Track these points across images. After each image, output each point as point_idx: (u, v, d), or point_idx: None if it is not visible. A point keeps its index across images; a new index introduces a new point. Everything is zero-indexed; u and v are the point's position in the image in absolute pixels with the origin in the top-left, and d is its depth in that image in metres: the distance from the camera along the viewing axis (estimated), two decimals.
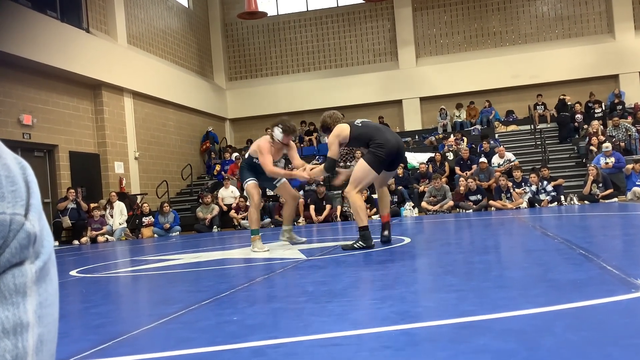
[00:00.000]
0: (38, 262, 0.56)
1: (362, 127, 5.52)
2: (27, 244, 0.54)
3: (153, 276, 4.85)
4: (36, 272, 0.56)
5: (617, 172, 13.25)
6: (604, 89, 19.48)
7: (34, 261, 0.56)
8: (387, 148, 5.31)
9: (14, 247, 0.53)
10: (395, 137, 5.52)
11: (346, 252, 5.26)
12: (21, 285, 0.54)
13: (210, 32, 22.69)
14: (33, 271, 0.56)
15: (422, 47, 21.66)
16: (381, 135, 5.38)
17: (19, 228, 0.53)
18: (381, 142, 5.31)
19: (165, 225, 13.75)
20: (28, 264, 0.55)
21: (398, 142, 5.48)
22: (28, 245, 0.55)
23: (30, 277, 0.55)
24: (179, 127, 19.16)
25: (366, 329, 2.10)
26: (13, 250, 0.53)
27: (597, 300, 2.25)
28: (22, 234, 0.54)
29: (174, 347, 2.04)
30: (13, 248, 0.53)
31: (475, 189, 13.19)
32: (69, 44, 13.81)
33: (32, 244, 0.55)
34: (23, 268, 0.55)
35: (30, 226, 0.55)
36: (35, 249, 0.56)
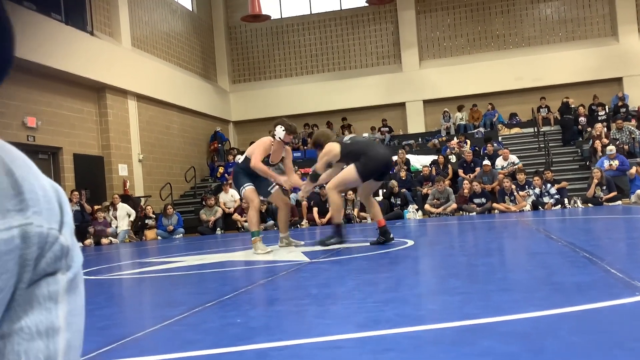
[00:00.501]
0: (69, 274, 0.63)
1: (352, 143, 5.90)
2: (60, 255, 0.61)
3: (157, 278, 4.85)
4: (67, 282, 0.62)
5: (620, 174, 13.23)
6: (608, 92, 19.45)
7: (65, 272, 0.62)
8: (377, 160, 5.72)
9: (49, 257, 0.59)
10: (383, 151, 6.03)
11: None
12: (54, 292, 0.61)
13: (214, 35, 22.73)
14: (65, 281, 0.62)
15: (425, 49, 21.66)
16: (372, 150, 5.81)
17: (54, 241, 0.60)
18: (372, 156, 5.72)
19: (168, 227, 13.76)
20: (60, 274, 0.61)
21: (387, 156, 5.98)
22: (61, 257, 0.61)
23: (62, 287, 0.61)
24: (182, 130, 19.19)
25: (369, 331, 2.10)
26: (48, 260, 0.59)
27: (601, 304, 2.25)
28: (57, 247, 0.60)
29: (178, 349, 2.04)
30: (48, 258, 0.59)
31: (480, 191, 13.18)
32: (73, 47, 13.86)
33: (64, 257, 0.62)
34: (56, 277, 0.61)
35: (64, 240, 0.61)
36: (67, 261, 0.62)
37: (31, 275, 0.59)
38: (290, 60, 22.63)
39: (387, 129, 20.58)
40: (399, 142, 19.91)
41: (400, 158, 15.93)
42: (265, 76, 22.82)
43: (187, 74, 19.88)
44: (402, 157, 15.97)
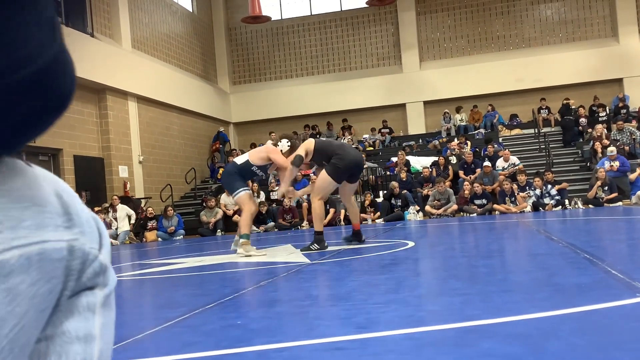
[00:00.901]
0: (105, 290, 0.71)
1: (325, 141, 6.35)
2: (99, 272, 0.69)
3: (157, 280, 4.85)
4: (103, 297, 0.70)
5: (621, 176, 13.22)
6: (608, 93, 19.45)
7: (102, 288, 0.70)
8: (347, 160, 5.98)
9: (90, 272, 0.67)
10: (355, 152, 6.32)
11: (305, 252, 5.88)
12: (92, 304, 0.68)
13: (215, 37, 22.74)
14: (101, 296, 0.70)
15: (425, 51, 21.67)
16: (342, 150, 6.11)
17: (94, 259, 0.67)
18: (341, 155, 6.00)
19: (169, 229, 13.76)
20: (98, 289, 0.69)
21: (357, 157, 6.22)
22: (100, 273, 0.69)
23: (98, 300, 0.69)
24: (183, 131, 19.20)
25: (370, 333, 2.10)
26: (89, 275, 0.67)
27: (602, 305, 2.25)
28: (96, 264, 0.68)
29: (179, 351, 2.04)
30: (89, 273, 0.67)
31: (481, 192, 13.18)
32: (74, 48, 13.71)
33: (102, 274, 0.70)
34: (94, 292, 0.69)
35: (102, 259, 0.69)
36: (104, 278, 0.70)
37: (74, 286, 0.66)
38: (290, 62, 22.64)
39: (387, 130, 20.58)
40: (399, 143, 19.92)
41: (400, 159, 15.93)
42: (265, 77, 22.83)
43: (187, 76, 19.89)
44: (402, 158, 15.97)
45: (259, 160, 6.55)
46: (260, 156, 6.56)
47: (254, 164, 6.55)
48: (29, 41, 0.58)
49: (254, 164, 6.55)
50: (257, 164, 6.56)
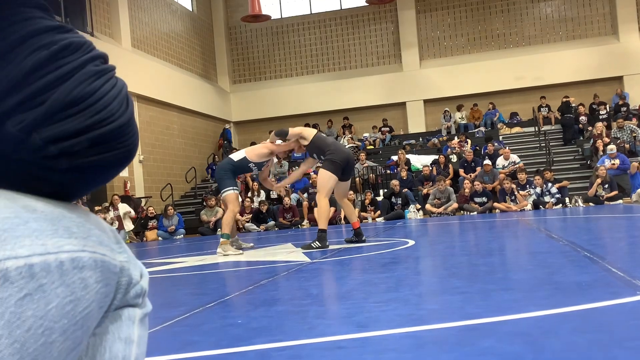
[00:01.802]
0: (144, 310, 0.86)
1: (323, 136, 6.53)
2: (140, 294, 0.84)
3: (157, 279, 4.85)
4: (142, 315, 0.86)
5: (621, 173, 13.22)
6: (608, 91, 19.44)
7: (141, 308, 0.86)
8: (339, 154, 6.20)
9: (133, 293, 0.83)
10: (346, 149, 6.54)
11: (306, 250, 5.94)
12: (133, 316, 0.84)
13: (214, 36, 22.73)
14: (140, 314, 0.85)
15: (425, 49, 21.66)
16: (335, 146, 6.33)
17: (136, 282, 0.83)
18: (334, 151, 6.22)
19: (169, 228, 13.77)
20: (138, 308, 0.85)
21: (349, 153, 6.42)
22: (140, 295, 0.85)
23: (138, 316, 0.85)
24: (183, 130, 19.20)
25: (371, 331, 2.10)
26: (132, 295, 0.83)
27: (603, 303, 2.24)
28: (138, 287, 0.84)
29: (179, 350, 2.04)
30: (132, 293, 0.83)
31: (482, 190, 13.18)
32: None
33: (142, 296, 0.85)
34: (135, 309, 0.84)
35: (143, 284, 0.85)
36: (143, 300, 0.86)
37: (120, 299, 0.81)
38: (290, 60, 22.63)
39: (387, 129, 20.58)
40: (399, 141, 19.91)
41: (400, 158, 15.93)
42: (265, 76, 22.83)
43: (187, 75, 19.88)
44: (402, 157, 15.97)
45: (257, 157, 6.64)
46: (260, 152, 6.65)
47: (251, 160, 6.64)
48: (108, 108, 0.77)
49: (251, 160, 6.64)
50: (255, 160, 6.66)
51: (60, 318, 0.68)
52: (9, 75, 0.71)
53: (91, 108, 0.75)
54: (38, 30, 0.75)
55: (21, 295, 0.65)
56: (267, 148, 6.66)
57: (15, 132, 0.71)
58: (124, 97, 0.81)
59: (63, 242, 0.71)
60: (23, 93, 0.71)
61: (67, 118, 0.73)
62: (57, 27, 0.77)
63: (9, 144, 0.71)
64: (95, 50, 0.81)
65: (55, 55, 0.74)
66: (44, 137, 0.72)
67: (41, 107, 0.71)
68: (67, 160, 0.74)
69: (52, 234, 0.70)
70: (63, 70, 0.74)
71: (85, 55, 0.78)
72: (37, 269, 0.67)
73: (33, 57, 0.72)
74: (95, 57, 0.79)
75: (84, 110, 0.74)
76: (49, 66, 0.73)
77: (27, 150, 0.72)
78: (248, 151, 6.73)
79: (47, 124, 0.72)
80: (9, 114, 0.71)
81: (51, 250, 0.69)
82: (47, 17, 0.77)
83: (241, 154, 6.73)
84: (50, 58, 0.74)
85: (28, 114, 0.71)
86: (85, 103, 0.74)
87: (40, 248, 0.68)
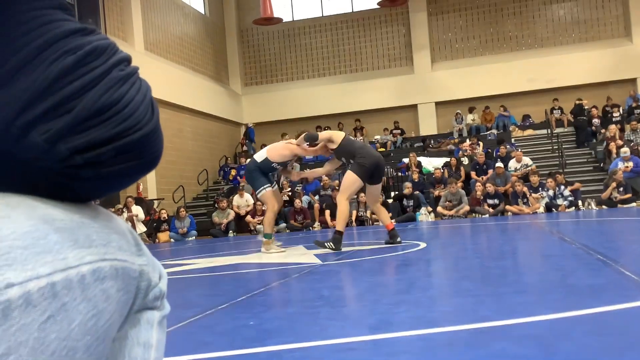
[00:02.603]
0: (162, 313, 0.85)
1: (352, 141, 6.48)
2: (158, 297, 0.83)
3: (170, 280, 4.85)
4: (160, 318, 0.84)
5: (635, 176, 13.12)
6: (622, 93, 19.28)
7: (160, 310, 0.84)
8: (370, 159, 6.10)
9: (152, 296, 0.81)
10: (376, 153, 6.43)
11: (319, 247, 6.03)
12: (151, 320, 0.82)
13: (226, 38, 22.81)
14: (158, 316, 0.84)
15: (437, 51, 21.61)
16: (365, 150, 6.24)
17: (155, 285, 0.82)
18: (364, 155, 6.11)
19: (181, 230, 13.82)
20: (157, 311, 0.84)
21: (379, 157, 6.30)
22: (159, 297, 0.83)
23: (156, 319, 0.83)
24: (195, 133, 19.27)
25: (382, 333, 2.10)
26: (150, 298, 0.81)
27: (616, 306, 2.24)
28: (157, 289, 0.82)
29: (192, 351, 2.05)
30: (151, 296, 0.81)
31: (494, 192, 13.12)
32: None
33: (161, 299, 0.84)
34: (153, 312, 0.83)
35: (162, 286, 0.84)
36: (162, 303, 0.85)
37: (140, 304, 0.80)
38: (302, 63, 22.66)
39: (399, 131, 20.55)
40: (411, 144, 19.88)
41: (412, 160, 15.90)
42: (277, 79, 22.87)
43: (199, 77, 19.96)
44: (414, 159, 15.94)
45: (279, 157, 6.55)
46: (282, 154, 6.55)
47: (273, 161, 6.54)
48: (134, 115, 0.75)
49: (273, 161, 6.54)
50: (277, 160, 6.56)
51: (83, 335, 0.67)
52: (35, 82, 0.69)
53: (118, 116, 0.72)
54: (63, 33, 0.72)
55: (44, 319, 0.63)
56: (289, 150, 6.55)
57: (41, 142, 0.69)
58: (149, 102, 0.79)
59: (84, 253, 0.69)
60: (49, 101, 0.69)
61: (94, 127, 0.71)
62: (81, 29, 0.75)
63: (33, 152, 0.69)
64: (119, 52, 0.79)
65: (82, 60, 0.72)
66: (70, 147, 0.70)
67: (67, 116, 0.69)
68: (91, 170, 0.72)
69: (73, 244, 0.68)
70: (89, 77, 0.72)
71: (110, 59, 0.76)
72: (59, 287, 0.65)
73: (59, 64, 0.70)
74: (121, 61, 0.78)
75: (110, 118, 0.72)
76: (75, 72, 0.71)
77: (51, 160, 0.70)
78: (270, 151, 6.62)
79: (73, 133, 0.70)
80: (34, 122, 0.69)
81: (72, 264, 0.67)
82: (69, 19, 0.75)
83: (263, 154, 6.64)
84: (77, 64, 0.71)
85: (54, 123, 0.69)
86: (112, 111, 0.72)
87: (62, 263, 0.66)
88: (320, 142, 6.45)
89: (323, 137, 6.45)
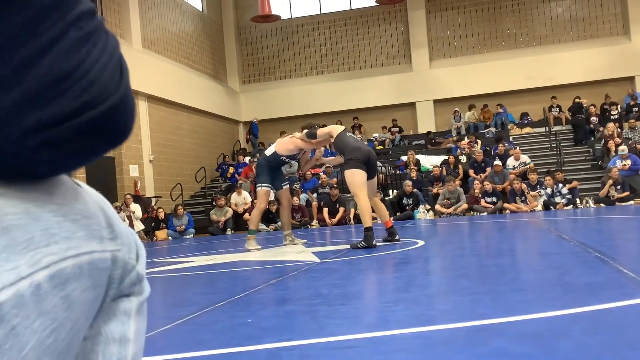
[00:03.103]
0: (140, 298, 0.76)
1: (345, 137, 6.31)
2: (135, 281, 0.73)
3: (168, 278, 4.88)
4: (138, 304, 0.75)
5: (633, 174, 13.13)
6: (620, 91, 19.30)
7: (138, 296, 0.75)
8: (359, 152, 6.09)
9: (128, 281, 0.72)
10: (366, 147, 6.35)
11: (353, 250, 5.74)
12: (128, 310, 0.73)
13: (224, 36, 22.79)
14: (136, 303, 0.75)
15: (435, 49, 21.61)
16: (355, 145, 6.20)
17: (132, 269, 0.72)
18: (353, 148, 6.12)
19: (179, 227, 13.81)
20: (134, 297, 0.74)
21: (369, 150, 6.25)
22: (136, 282, 0.74)
23: (134, 307, 0.74)
24: (193, 130, 19.26)
25: (380, 331, 2.10)
26: (126, 284, 0.72)
27: (614, 304, 2.23)
28: (134, 273, 0.73)
29: (189, 349, 2.05)
30: (127, 282, 0.72)
31: (491, 190, 13.13)
32: None
33: (139, 283, 0.75)
34: (130, 299, 0.74)
35: (139, 269, 0.74)
36: (140, 287, 0.75)
37: (114, 294, 0.71)
38: (300, 61, 22.64)
39: (397, 129, 20.54)
40: (409, 142, 19.87)
41: (410, 158, 15.90)
42: (275, 76, 22.85)
43: (197, 75, 19.94)
44: (412, 157, 15.94)
45: (285, 151, 6.88)
46: (287, 147, 6.87)
47: (281, 154, 6.90)
48: (98, 84, 0.61)
49: (281, 154, 6.90)
50: (285, 154, 6.90)
51: (40, 356, 0.57)
52: None
53: (76, 87, 0.59)
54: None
55: None
56: (294, 144, 6.85)
57: None
58: (117, 63, 0.65)
59: (40, 255, 0.58)
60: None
61: (48, 102, 0.58)
62: None
63: None
64: (80, 4, 0.62)
65: (30, 22, 0.58)
66: (22, 127, 0.58)
67: (15, 91, 0.57)
68: (49, 151, 0.60)
69: (26, 246, 0.57)
70: (40, 42, 0.58)
71: (67, 15, 0.60)
72: (7, 307, 0.54)
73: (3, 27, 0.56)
74: (80, 16, 0.61)
75: (68, 90, 0.59)
76: (21, 39, 0.57)
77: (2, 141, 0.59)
78: (277, 145, 6.97)
79: (23, 110, 0.58)
80: None
81: (24, 274, 0.56)
82: None
83: (272, 148, 7.01)
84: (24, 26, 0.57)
85: (2, 100, 0.57)
86: (70, 81, 0.59)
87: (11, 276, 0.55)
88: (321, 137, 6.58)
89: (322, 132, 6.55)
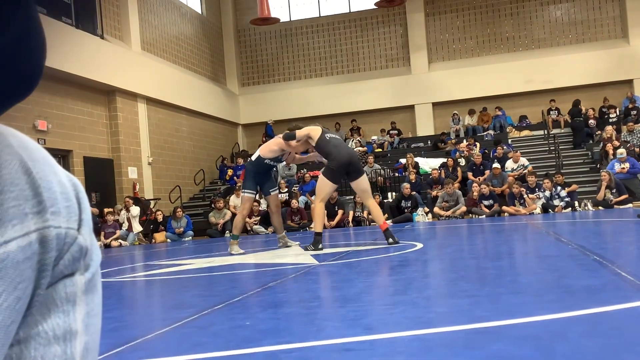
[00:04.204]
0: (87, 274, 0.60)
1: (325, 139, 6.38)
2: (79, 256, 0.58)
3: (166, 280, 4.87)
4: (85, 283, 0.60)
5: (631, 177, 13.14)
6: (619, 94, 19.33)
7: (83, 273, 0.60)
8: (337, 161, 6.18)
9: (67, 259, 0.57)
10: (347, 150, 6.44)
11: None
12: (72, 294, 0.58)
13: (223, 38, 22.80)
14: (82, 282, 0.59)
15: (434, 52, 21.63)
16: (336, 152, 6.24)
17: (72, 242, 0.57)
18: (334, 155, 6.20)
19: (178, 230, 13.80)
20: (78, 275, 0.59)
21: (349, 154, 6.37)
22: (80, 257, 0.58)
23: (80, 288, 0.59)
24: (191, 133, 19.26)
25: (379, 334, 2.09)
26: (66, 262, 0.57)
27: (612, 307, 2.23)
28: (75, 247, 0.58)
29: (188, 352, 2.04)
30: (66, 260, 0.57)
31: (489, 194, 13.13)
32: (84, 50, 13.94)
33: (83, 257, 0.59)
34: (74, 279, 0.59)
35: (82, 240, 0.58)
36: (85, 261, 0.60)
37: (49, 280, 0.56)
38: (299, 63, 22.65)
39: (396, 132, 20.55)
40: (407, 144, 19.88)
41: (409, 161, 15.91)
42: (274, 79, 22.86)
43: (196, 77, 19.95)
44: (411, 160, 15.95)
45: (269, 153, 6.98)
46: (271, 149, 6.96)
47: (265, 157, 7.00)
48: None
49: (265, 157, 7.00)
50: (269, 157, 7.01)
51: None
52: None
53: None
54: None
55: None
56: (277, 145, 6.94)
57: None
58: None
59: None
60: None
61: None
62: None
63: None
64: None
65: None
66: None
67: None
68: None
69: None
70: None
71: None
72: None
73: None
74: None
75: None
76: None
77: None
78: (262, 149, 7.09)
79: None
80: None
81: None
82: None
83: (256, 153, 7.14)
84: None
85: None
86: None
87: None
88: (300, 138, 6.61)
89: (301, 134, 6.58)
